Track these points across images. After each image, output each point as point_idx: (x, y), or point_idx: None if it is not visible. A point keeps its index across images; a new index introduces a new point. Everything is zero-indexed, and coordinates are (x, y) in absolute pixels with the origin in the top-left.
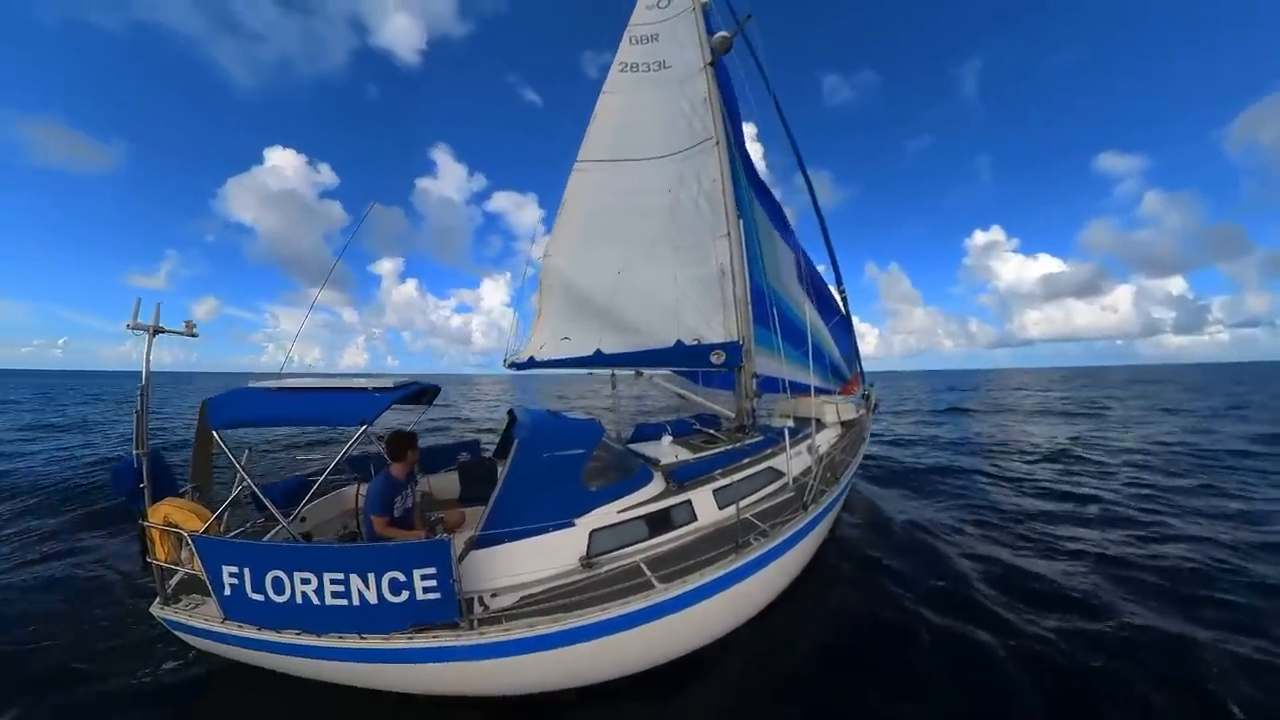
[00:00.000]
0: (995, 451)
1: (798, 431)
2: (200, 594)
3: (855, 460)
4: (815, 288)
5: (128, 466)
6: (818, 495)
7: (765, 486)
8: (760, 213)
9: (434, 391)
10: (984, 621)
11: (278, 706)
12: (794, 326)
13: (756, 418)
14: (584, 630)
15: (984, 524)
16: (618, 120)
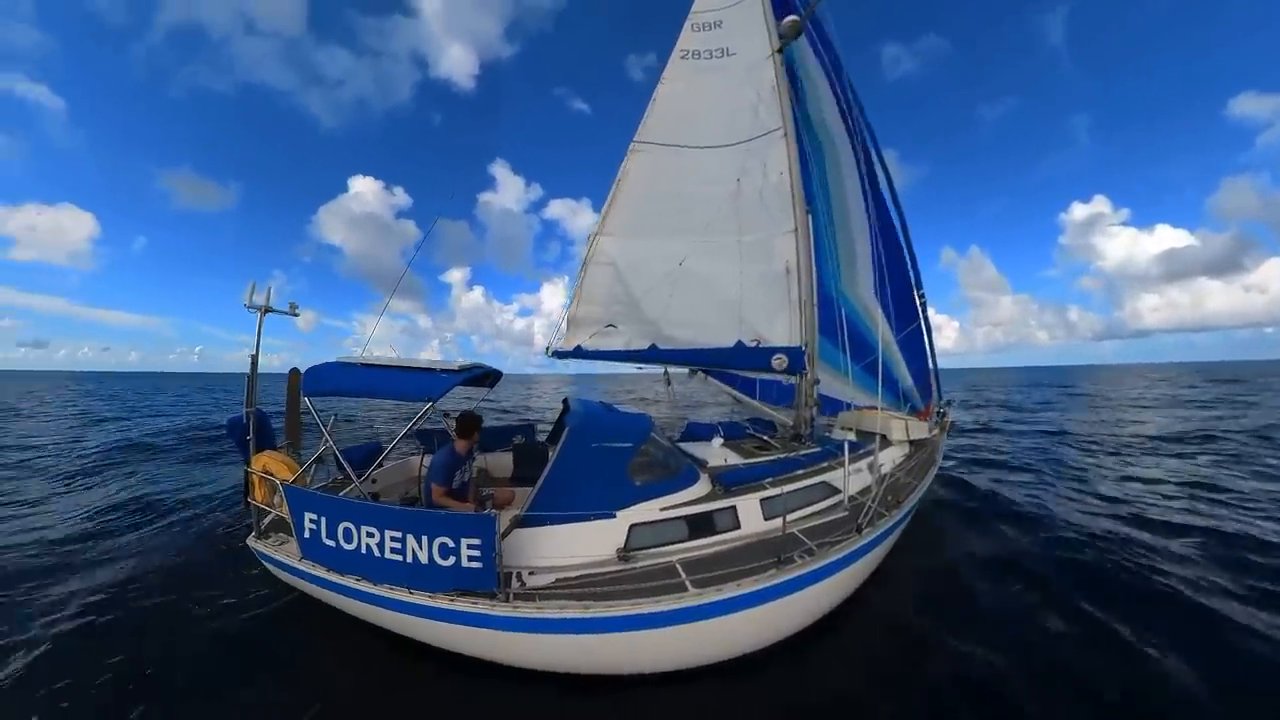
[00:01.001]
0: (1118, 475)
1: (859, 446)
2: (285, 534)
3: (922, 485)
4: (893, 294)
5: (239, 420)
6: (875, 518)
7: (817, 502)
8: (849, 208)
9: (495, 376)
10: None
11: (335, 644)
12: (864, 341)
13: (815, 427)
14: (611, 621)
15: (1095, 583)
16: (679, 106)
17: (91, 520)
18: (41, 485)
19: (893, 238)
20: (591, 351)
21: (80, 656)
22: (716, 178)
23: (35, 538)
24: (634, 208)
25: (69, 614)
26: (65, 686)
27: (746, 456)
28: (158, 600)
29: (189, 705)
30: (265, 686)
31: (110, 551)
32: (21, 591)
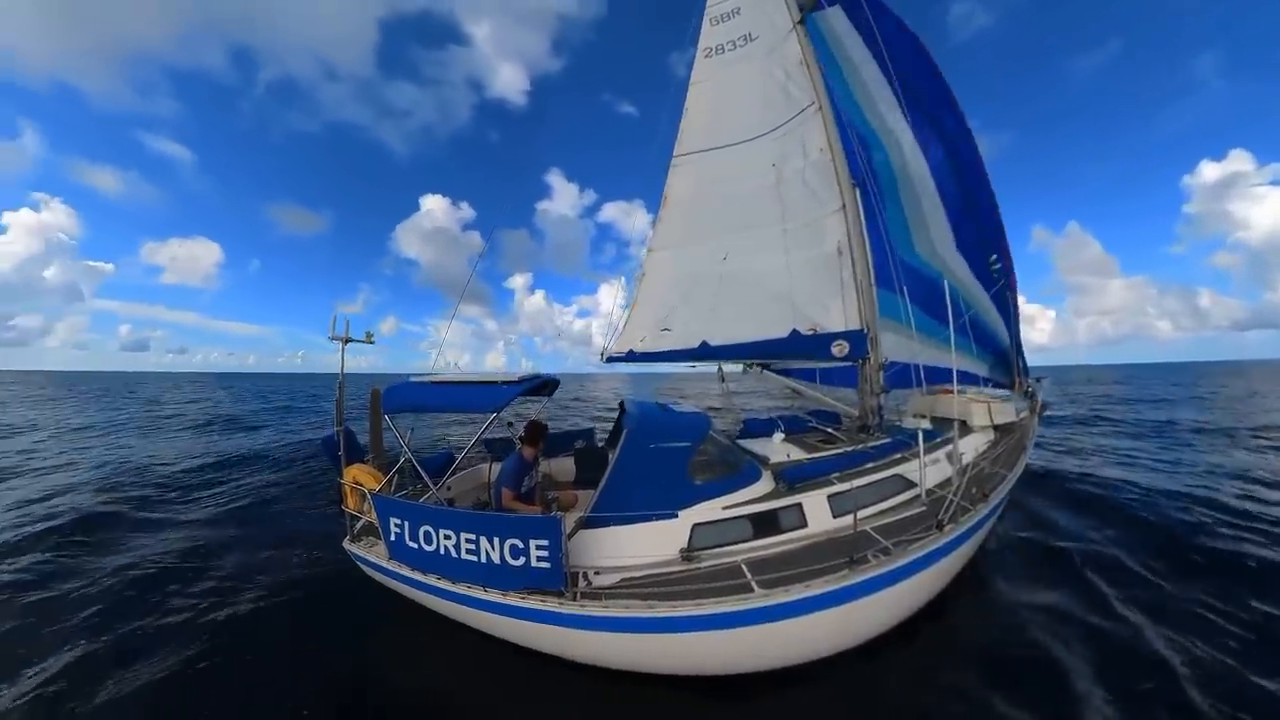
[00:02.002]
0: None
1: (935, 435)
2: (375, 538)
3: (1012, 475)
4: (974, 252)
5: (331, 438)
6: (958, 514)
7: (891, 497)
8: (910, 172)
9: (554, 384)
10: None
11: (423, 640)
12: (943, 297)
13: (884, 416)
14: (676, 622)
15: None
16: (710, 108)
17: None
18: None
19: (971, 196)
20: (644, 354)
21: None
22: (755, 170)
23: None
24: (681, 220)
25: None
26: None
27: (810, 451)
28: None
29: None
30: (347, 664)
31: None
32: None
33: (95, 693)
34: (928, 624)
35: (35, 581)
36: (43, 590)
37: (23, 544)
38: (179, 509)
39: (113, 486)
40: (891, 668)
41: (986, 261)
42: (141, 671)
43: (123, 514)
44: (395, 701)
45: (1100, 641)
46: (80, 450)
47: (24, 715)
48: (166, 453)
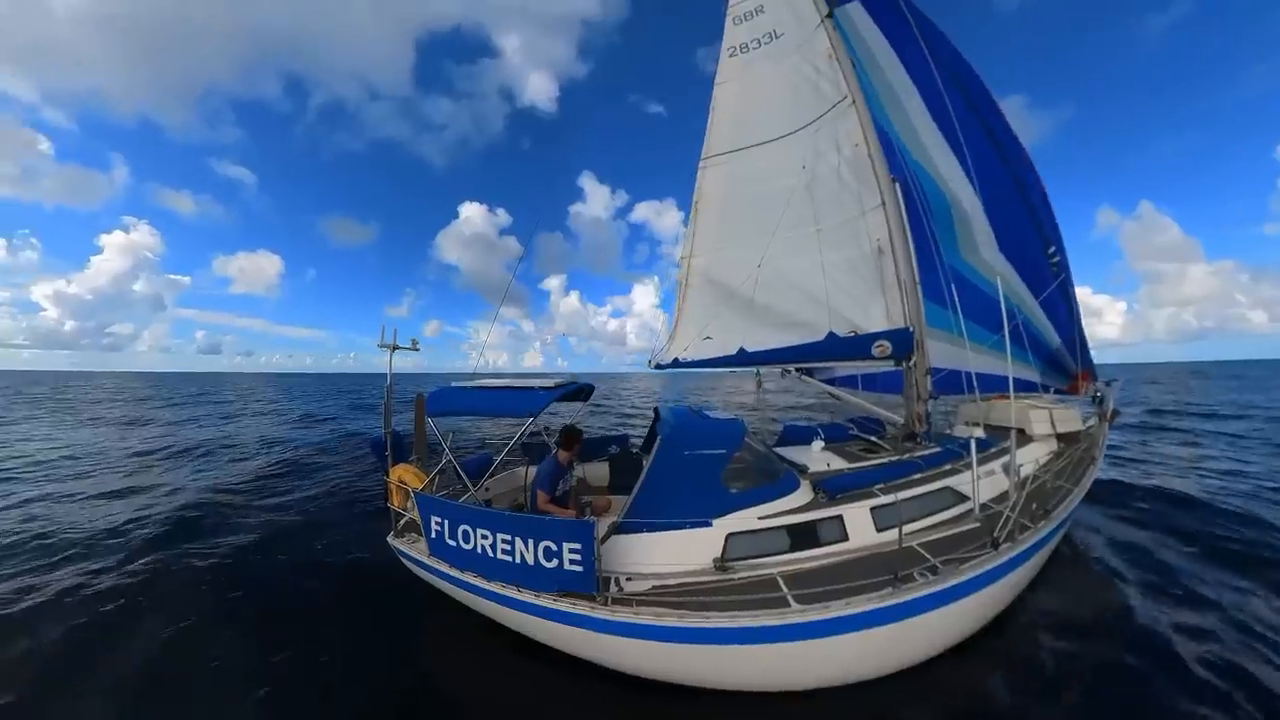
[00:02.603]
0: None
1: (990, 445)
2: (417, 534)
3: (1078, 490)
4: (1019, 252)
5: (379, 440)
6: (1015, 532)
7: (940, 511)
8: (941, 171)
9: (589, 390)
10: None
11: (456, 634)
12: (984, 302)
13: (932, 424)
14: (708, 633)
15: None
16: (737, 107)
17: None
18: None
19: (1012, 193)
20: (688, 361)
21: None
22: (789, 168)
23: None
24: (714, 224)
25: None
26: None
27: (852, 460)
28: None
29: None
30: (383, 649)
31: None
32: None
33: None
34: (978, 651)
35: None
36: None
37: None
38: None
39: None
40: (936, 699)
41: (1038, 259)
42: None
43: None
44: (425, 687)
45: (1168, 674)
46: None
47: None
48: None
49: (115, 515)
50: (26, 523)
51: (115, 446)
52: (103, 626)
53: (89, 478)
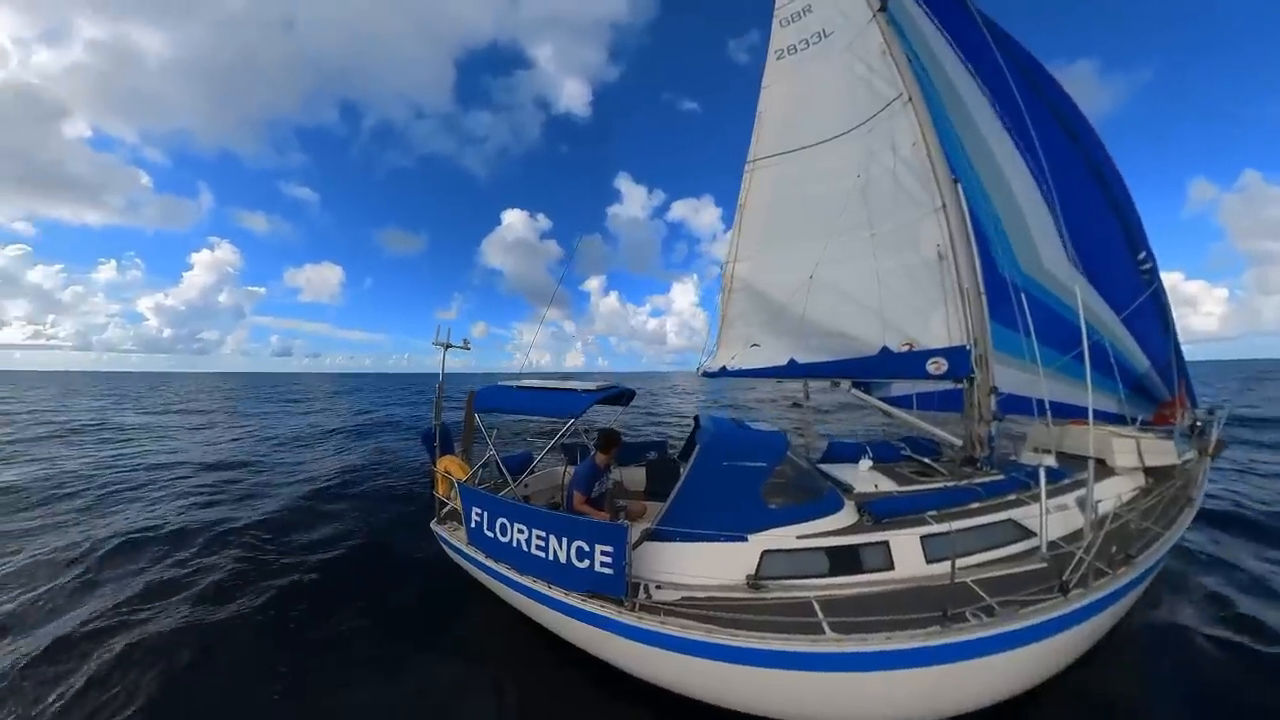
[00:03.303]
0: None
1: (1063, 475)
2: (458, 522)
3: (1170, 534)
4: (1099, 260)
5: (429, 431)
6: (1089, 577)
7: (1001, 546)
8: (1005, 173)
9: (630, 395)
10: None
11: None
12: (1058, 320)
13: (995, 448)
14: (735, 652)
15: None
16: (785, 109)
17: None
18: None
19: (1093, 194)
20: (735, 370)
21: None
22: (841, 171)
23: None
24: (761, 228)
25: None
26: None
27: (902, 483)
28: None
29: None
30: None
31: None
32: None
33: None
34: (1039, 711)
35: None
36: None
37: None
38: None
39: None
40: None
41: (1123, 267)
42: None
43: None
44: (446, 671)
45: None
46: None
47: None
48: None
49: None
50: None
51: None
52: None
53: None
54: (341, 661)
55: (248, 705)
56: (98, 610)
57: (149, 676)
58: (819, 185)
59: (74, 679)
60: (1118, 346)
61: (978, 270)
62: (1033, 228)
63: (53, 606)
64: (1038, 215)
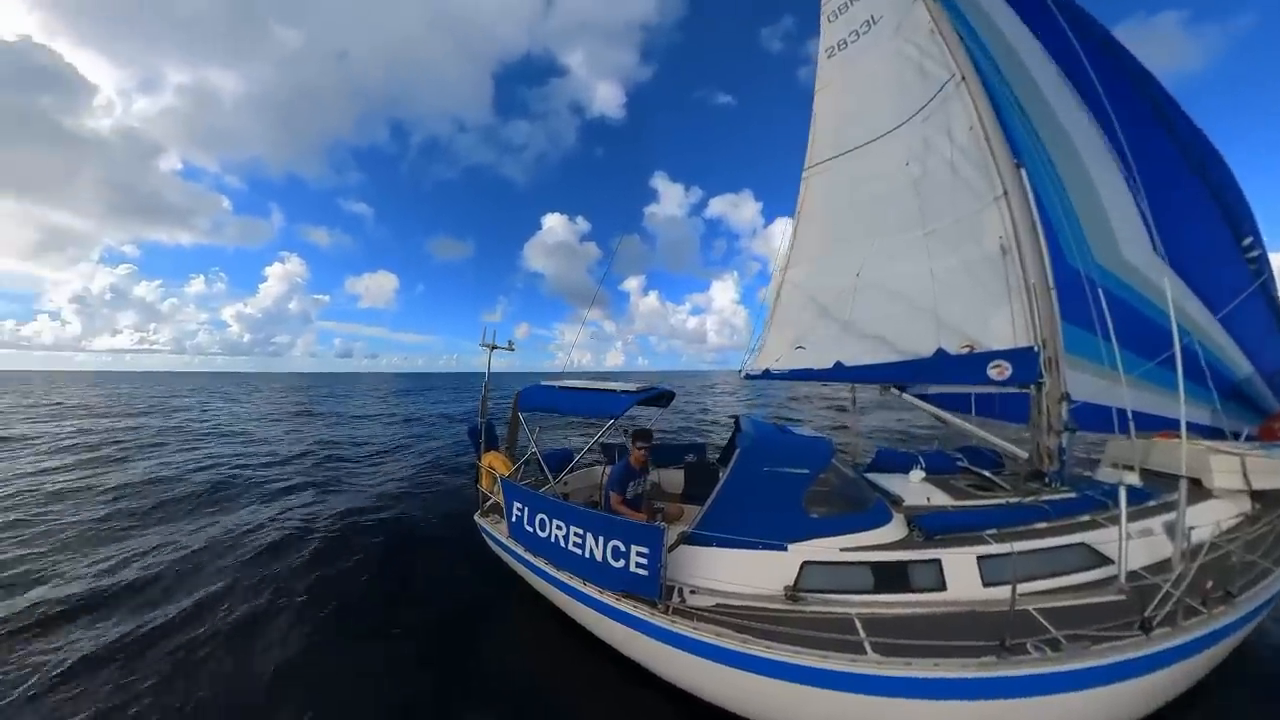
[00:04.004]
0: None
1: (1148, 496)
2: (500, 515)
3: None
4: (1188, 248)
5: (474, 427)
6: (1178, 614)
7: (1071, 573)
8: (1080, 153)
9: (670, 396)
10: None
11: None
12: (1140, 320)
13: (1066, 462)
14: (768, 664)
15: None
16: (838, 110)
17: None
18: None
19: (1182, 170)
20: (779, 373)
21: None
22: (892, 166)
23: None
24: (816, 233)
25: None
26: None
27: (959, 497)
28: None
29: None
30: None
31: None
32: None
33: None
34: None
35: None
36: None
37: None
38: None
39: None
40: None
41: (1224, 255)
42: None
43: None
44: (479, 651)
45: None
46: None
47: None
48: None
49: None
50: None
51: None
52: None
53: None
54: (377, 630)
55: (284, 670)
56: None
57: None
58: (873, 184)
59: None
60: (1210, 347)
61: (1046, 263)
62: (1110, 214)
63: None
64: (1116, 199)
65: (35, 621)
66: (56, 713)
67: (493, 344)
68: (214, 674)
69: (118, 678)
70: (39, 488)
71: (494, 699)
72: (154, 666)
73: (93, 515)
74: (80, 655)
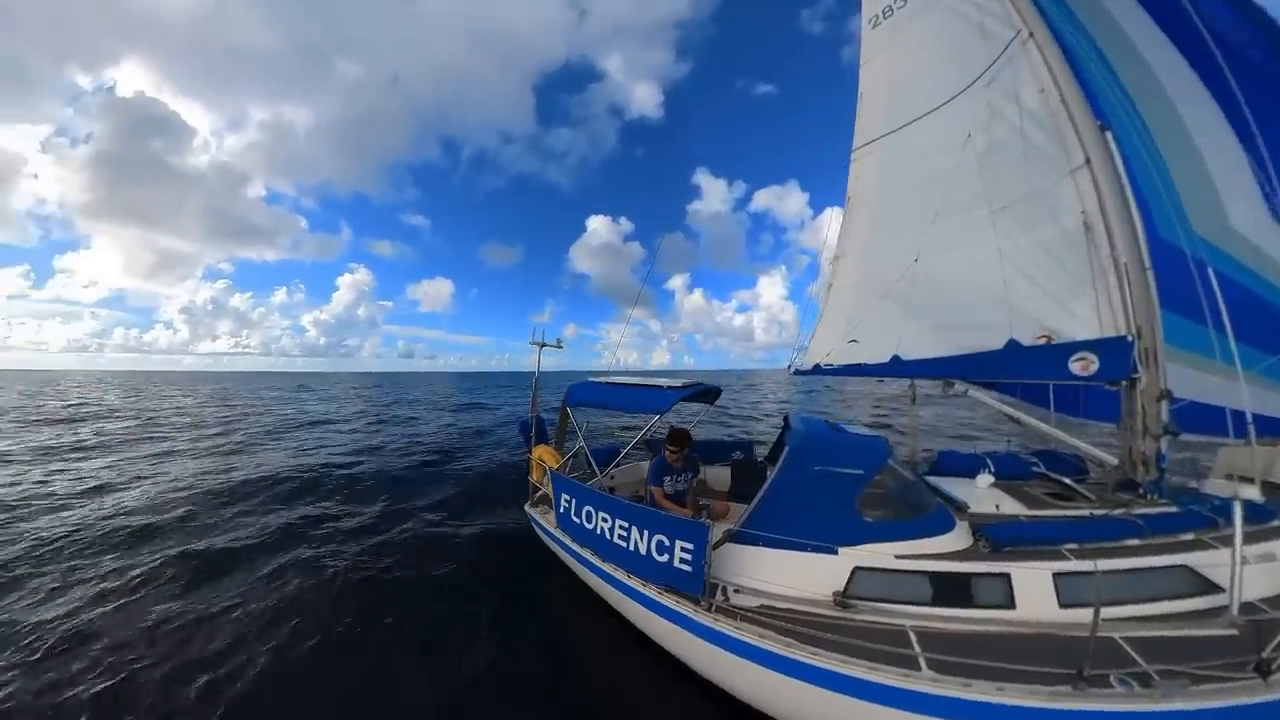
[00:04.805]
0: None
1: (1271, 514)
2: (549, 506)
3: None
4: None
5: (525, 421)
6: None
7: (1168, 599)
8: (1185, 96)
9: (716, 393)
10: None
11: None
12: (1257, 304)
13: (1166, 471)
14: (811, 671)
15: None
16: (888, 82)
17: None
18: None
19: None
20: (830, 368)
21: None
22: (953, 140)
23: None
24: (868, 218)
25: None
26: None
27: (1033, 506)
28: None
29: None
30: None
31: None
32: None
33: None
34: None
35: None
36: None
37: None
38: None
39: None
40: None
41: None
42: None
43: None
44: (523, 635)
45: None
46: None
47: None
48: None
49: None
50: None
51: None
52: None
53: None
54: (426, 606)
55: (340, 646)
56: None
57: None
58: (932, 161)
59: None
60: None
61: (1140, 240)
62: (1217, 179)
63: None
64: (1225, 160)
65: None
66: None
67: (542, 341)
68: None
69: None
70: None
71: (529, 678)
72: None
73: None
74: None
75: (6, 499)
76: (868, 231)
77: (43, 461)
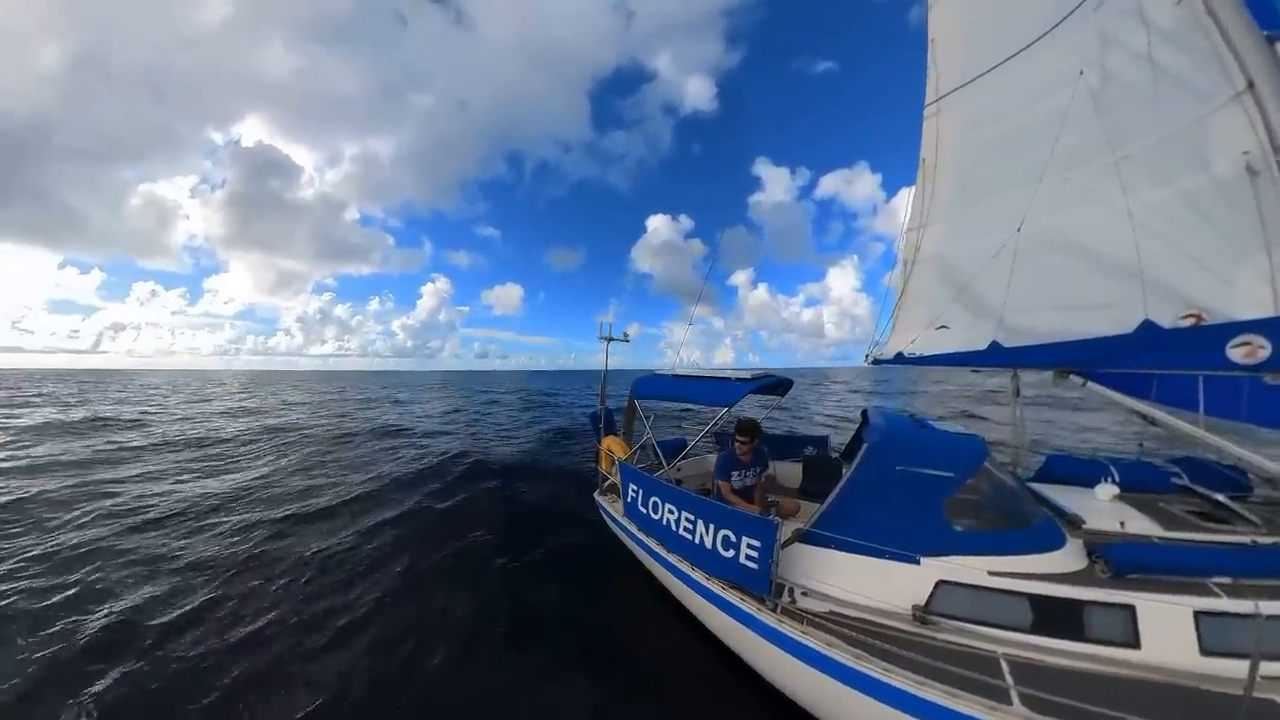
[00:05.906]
0: None
1: None
2: (617, 495)
3: None
4: None
5: (594, 414)
6: None
7: None
8: None
9: (787, 385)
10: None
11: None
12: None
13: None
14: (882, 689)
15: None
16: (964, 23)
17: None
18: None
19: None
20: (915, 357)
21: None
22: (1052, 82)
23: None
24: (949, 183)
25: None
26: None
27: (1171, 526)
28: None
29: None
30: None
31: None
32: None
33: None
34: None
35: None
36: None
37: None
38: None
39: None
40: None
41: None
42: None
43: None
44: (586, 620)
45: None
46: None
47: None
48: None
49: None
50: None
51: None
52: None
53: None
54: (499, 583)
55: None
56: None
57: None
58: (1030, 108)
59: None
60: None
61: None
62: None
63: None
64: None
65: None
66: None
67: (610, 336)
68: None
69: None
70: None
71: (589, 665)
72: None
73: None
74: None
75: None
76: (952, 200)
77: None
